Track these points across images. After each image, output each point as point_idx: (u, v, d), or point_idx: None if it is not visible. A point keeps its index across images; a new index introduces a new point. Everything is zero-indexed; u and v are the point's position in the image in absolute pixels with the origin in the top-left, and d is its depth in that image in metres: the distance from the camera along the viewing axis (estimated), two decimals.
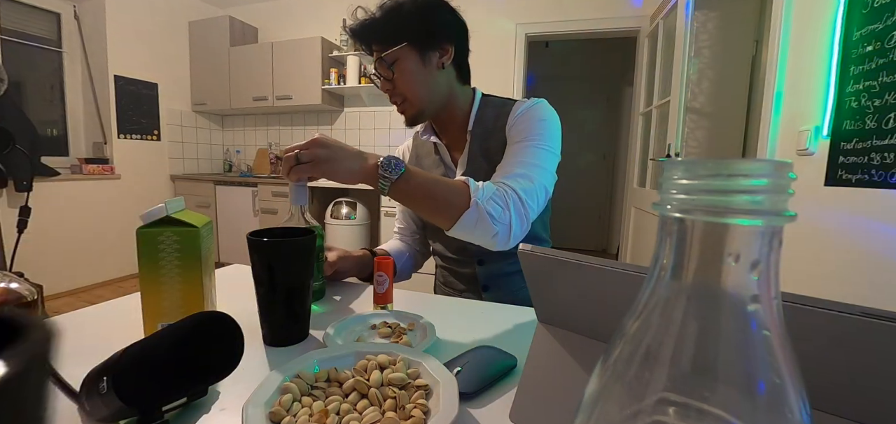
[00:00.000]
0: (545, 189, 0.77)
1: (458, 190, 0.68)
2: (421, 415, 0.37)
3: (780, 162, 0.13)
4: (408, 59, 0.80)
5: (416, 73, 0.81)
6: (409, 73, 0.81)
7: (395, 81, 0.81)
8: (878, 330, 0.20)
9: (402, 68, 0.80)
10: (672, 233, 0.14)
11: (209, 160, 4.03)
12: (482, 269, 0.90)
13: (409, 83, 0.81)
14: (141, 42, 3.35)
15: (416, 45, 0.80)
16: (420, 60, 0.81)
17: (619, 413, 0.15)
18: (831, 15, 1.52)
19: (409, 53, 0.80)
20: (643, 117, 2.96)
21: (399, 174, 0.64)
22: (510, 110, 0.85)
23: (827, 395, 0.23)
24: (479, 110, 0.88)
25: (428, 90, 0.83)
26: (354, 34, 0.82)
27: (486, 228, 0.68)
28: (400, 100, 0.83)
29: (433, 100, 0.84)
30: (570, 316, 0.37)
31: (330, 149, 0.64)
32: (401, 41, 0.78)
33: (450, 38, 0.83)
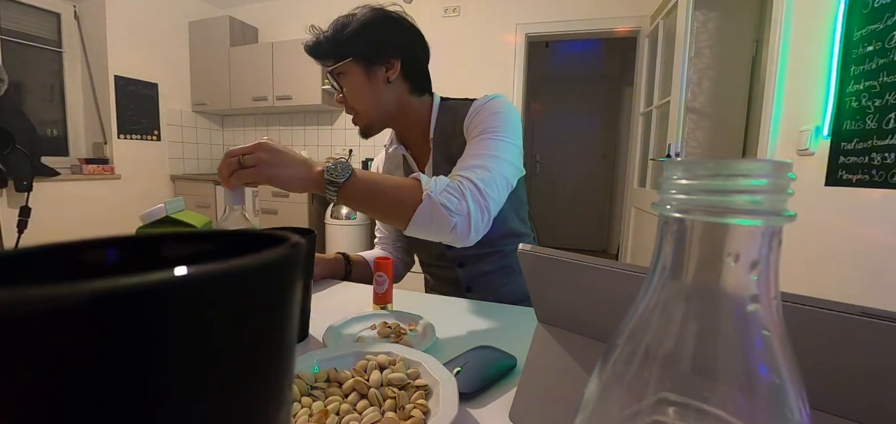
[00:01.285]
0: (505, 179, 0.74)
1: (408, 186, 0.67)
2: (421, 415, 0.37)
3: (779, 162, 0.13)
4: (353, 74, 0.82)
5: (362, 88, 0.83)
6: (356, 88, 0.83)
7: (345, 95, 0.85)
8: (878, 330, 0.20)
9: (348, 82, 0.83)
10: (672, 233, 0.14)
11: (209, 160, 4.03)
12: (463, 272, 0.91)
13: (356, 97, 0.84)
14: (141, 42, 3.35)
15: (361, 60, 0.82)
16: (365, 75, 0.83)
17: (619, 413, 0.15)
18: (831, 15, 1.52)
19: (354, 68, 0.82)
20: (643, 117, 2.96)
21: (346, 178, 0.64)
22: (467, 111, 0.85)
23: (827, 395, 0.23)
24: (438, 117, 0.89)
25: (375, 103, 0.84)
26: (307, 49, 0.85)
27: (443, 221, 0.65)
28: (352, 113, 0.86)
29: (381, 113, 0.86)
30: (570, 316, 0.37)
31: (275, 154, 0.62)
32: (346, 56, 0.81)
33: (395, 52, 0.83)
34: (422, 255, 1.00)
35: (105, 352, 0.07)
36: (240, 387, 0.08)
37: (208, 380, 0.07)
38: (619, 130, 4.45)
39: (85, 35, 3.15)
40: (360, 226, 3.06)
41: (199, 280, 0.07)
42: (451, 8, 3.21)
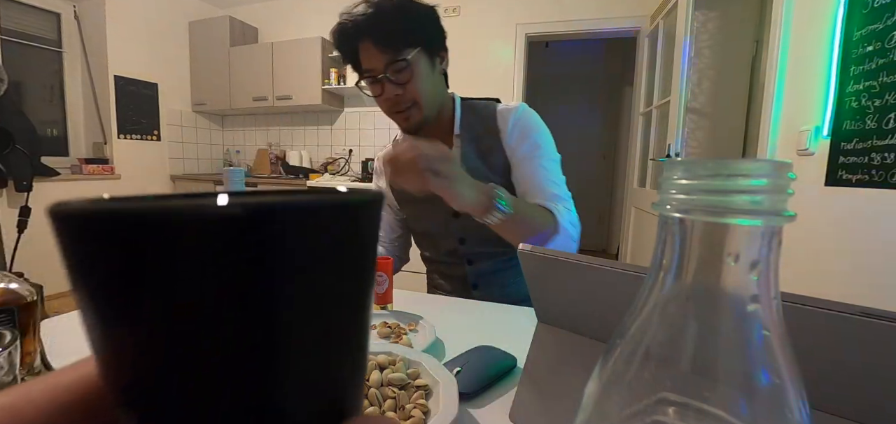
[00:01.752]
0: None
1: (547, 215, 0.76)
2: (421, 415, 0.37)
3: (779, 162, 0.13)
4: (421, 62, 0.79)
5: (427, 77, 0.80)
6: (423, 77, 0.79)
7: (407, 87, 0.79)
8: (878, 330, 0.20)
9: (417, 72, 0.78)
10: (672, 233, 0.14)
11: (209, 160, 4.03)
12: (472, 269, 0.91)
13: (421, 86, 0.79)
14: (141, 42, 3.35)
15: (428, 47, 0.79)
16: (430, 64, 0.80)
17: (619, 413, 0.15)
18: (831, 15, 1.52)
19: (421, 57, 0.79)
20: (643, 117, 2.96)
21: (507, 203, 0.66)
22: (495, 113, 0.86)
23: (827, 395, 0.23)
24: (462, 114, 0.88)
25: (435, 94, 0.82)
26: (376, 38, 0.76)
27: (568, 244, 0.76)
28: (408, 106, 0.81)
29: (438, 105, 0.84)
30: (570, 316, 0.37)
31: (459, 172, 0.64)
32: (418, 42, 0.77)
33: (445, 42, 0.84)
34: (430, 252, 0.98)
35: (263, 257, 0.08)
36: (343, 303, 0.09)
37: (324, 293, 0.09)
38: (619, 130, 4.45)
39: (85, 35, 3.15)
40: None
41: (346, 202, 0.09)
42: (451, 8, 3.21)
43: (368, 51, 0.79)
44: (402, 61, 0.77)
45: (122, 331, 0.08)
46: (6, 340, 0.35)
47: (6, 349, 0.35)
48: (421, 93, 0.80)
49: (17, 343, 0.36)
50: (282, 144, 3.87)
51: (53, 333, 0.56)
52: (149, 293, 0.08)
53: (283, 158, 3.66)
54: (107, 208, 0.08)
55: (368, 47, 0.78)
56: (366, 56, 0.80)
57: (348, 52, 0.83)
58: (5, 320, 0.41)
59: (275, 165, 3.69)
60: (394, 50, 0.77)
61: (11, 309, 0.41)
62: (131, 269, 0.08)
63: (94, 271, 0.08)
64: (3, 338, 0.36)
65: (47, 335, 0.49)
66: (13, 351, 0.35)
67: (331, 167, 3.51)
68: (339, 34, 0.81)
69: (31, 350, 0.43)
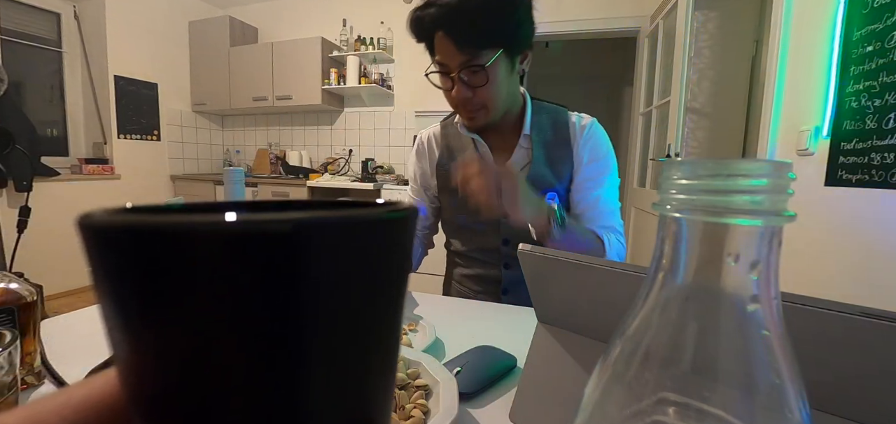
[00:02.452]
0: None
1: (597, 248, 0.76)
2: (421, 415, 0.37)
3: (779, 162, 0.13)
4: (500, 66, 0.71)
5: (503, 81, 0.73)
6: (498, 82, 0.72)
7: (479, 90, 0.72)
8: (878, 330, 0.20)
9: (493, 77, 0.71)
10: (672, 233, 0.14)
11: (209, 160, 4.03)
12: (508, 273, 0.88)
13: (495, 92, 0.73)
14: (141, 42, 3.35)
15: (511, 48, 0.72)
16: (509, 66, 0.74)
17: (619, 413, 0.15)
18: (831, 15, 1.52)
19: (502, 59, 0.71)
20: (643, 117, 2.96)
21: (562, 222, 0.66)
22: (567, 121, 0.84)
23: (827, 395, 0.23)
24: (532, 114, 0.83)
25: (509, 98, 0.77)
26: (458, 39, 0.69)
27: None
28: (476, 109, 0.75)
29: (510, 103, 0.79)
30: (570, 316, 0.37)
31: (520, 187, 0.64)
32: (500, 44, 0.70)
33: (530, 39, 0.76)
34: (466, 247, 0.91)
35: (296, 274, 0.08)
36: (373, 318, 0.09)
37: (356, 313, 0.09)
38: (619, 130, 4.45)
39: (85, 35, 3.15)
40: None
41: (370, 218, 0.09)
42: None
43: (443, 43, 0.71)
44: (477, 65, 0.70)
45: (147, 345, 0.08)
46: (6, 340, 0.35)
47: (6, 349, 0.35)
48: (493, 99, 0.74)
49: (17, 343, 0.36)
50: (282, 144, 3.87)
51: (53, 333, 0.55)
52: (172, 307, 0.08)
53: (283, 158, 3.66)
54: (131, 222, 0.07)
55: (443, 39, 0.71)
56: (440, 47, 0.72)
57: (423, 36, 0.75)
58: (5, 320, 0.41)
59: (275, 165, 3.69)
60: (471, 50, 0.69)
61: (11, 309, 0.41)
62: (156, 283, 0.07)
63: (119, 284, 0.08)
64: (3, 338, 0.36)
65: (47, 335, 0.49)
66: (13, 351, 0.35)
67: (331, 167, 3.51)
68: (414, 20, 0.74)
69: (31, 350, 0.43)
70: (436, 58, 0.74)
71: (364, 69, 3.31)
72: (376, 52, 3.28)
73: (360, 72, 3.26)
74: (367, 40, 3.29)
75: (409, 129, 3.41)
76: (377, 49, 3.28)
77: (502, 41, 0.70)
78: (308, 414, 0.08)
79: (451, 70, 0.72)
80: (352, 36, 3.36)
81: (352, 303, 0.09)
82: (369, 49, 3.27)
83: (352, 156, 3.59)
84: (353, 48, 3.30)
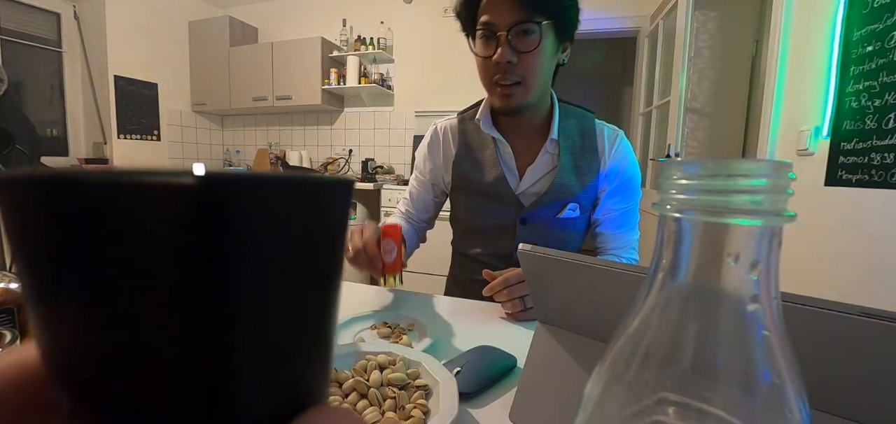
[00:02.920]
0: None
1: None
2: (421, 415, 0.37)
3: (779, 162, 0.13)
4: (549, 38, 0.70)
5: (546, 58, 0.71)
6: (544, 56, 0.70)
7: (524, 58, 0.70)
8: (878, 330, 0.20)
9: (541, 45, 0.69)
10: (672, 233, 0.14)
11: (209, 160, 4.03)
12: None
13: (538, 65, 0.70)
14: (141, 42, 3.35)
15: (560, 26, 0.71)
16: (554, 46, 0.72)
17: (619, 413, 0.15)
18: (831, 15, 1.52)
19: (551, 32, 0.70)
20: (643, 117, 2.96)
21: None
22: (594, 128, 0.82)
23: (827, 395, 0.23)
24: (560, 118, 0.80)
25: (545, 80, 0.74)
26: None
27: None
28: (515, 81, 0.72)
29: (542, 93, 0.76)
30: (570, 316, 0.37)
31: None
32: (553, 13, 0.69)
33: (572, 33, 0.75)
34: (478, 249, 0.88)
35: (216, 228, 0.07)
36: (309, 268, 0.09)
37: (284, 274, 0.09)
38: None
39: (85, 35, 3.15)
40: None
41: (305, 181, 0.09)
42: (450, 8, 3.20)
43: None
44: (532, 25, 0.68)
45: (65, 308, 0.08)
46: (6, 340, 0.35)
47: (6, 349, 0.35)
48: (534, 74, 0.71)
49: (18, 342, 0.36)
50: (282, 144, 3.87)
51: None
52: (92, 264, 0.07)
53: (283, 158, 3.66)
54: (51, 175, 0.07)
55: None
56: (491, 4, 0.70)
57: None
58: (5, 320, 0.41)
59: (275, 165, 3.69)
60: (528, 9, 0.67)
61: (11, 309, 0.41)
62: (74, 240, 0.07)
63: (35, 242, 0.08)
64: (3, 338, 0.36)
65: None
66: None
67: (331, 167, 3.52)
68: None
69: None
70: (481, 18, 0.71)
71: (364, 69, 3.31)
72: (376, 52, 3.28)
73: (360, 72, 3.26)
74: (367, 40, 3.29)
75: (409, 129, 3.41)
76: (377, 49, 3.28)
77: (555, 13, 0.69)
78: (233, 375, 0.08)
79: (500, 28, 0.69)
80: (352, 36, 3.36)
81: (277, 266, 0.08)
82: (369, 49, 3.27)
83: (352, 156, 3.59)
84: (353, 48, 3.30)
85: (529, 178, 0.82)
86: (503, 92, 0.74)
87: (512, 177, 0.83)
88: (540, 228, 0.83)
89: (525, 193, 0.83)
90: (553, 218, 0.82)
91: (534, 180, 0.83)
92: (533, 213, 0.82)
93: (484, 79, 0.77)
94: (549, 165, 0.82)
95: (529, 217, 0.83)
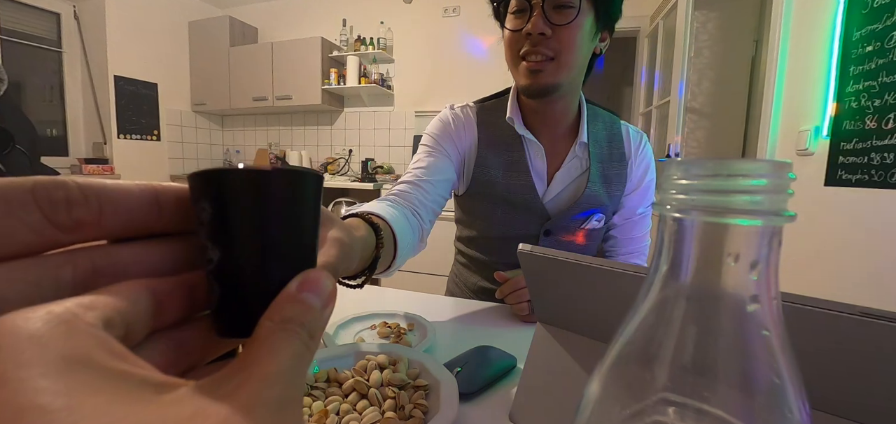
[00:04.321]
0: None
1: None
2: (421, 415, 0.37)
3: (779, 162, 0.13)
4: (587, 20, 0.66)
5: (580, 39, 0.67)
6: (578, 32, 0.66)
7: (559, 31, 0.65)
8: (878, 330, 0.20)
9: (579, 22, 0.65)
10: (672, 233, 0.14)
11: (209, 160, 4.03)
12: None
13: (574, 41, 0.66)
14: (141, 42, 3.35)
15: (597, 11, 0.67)
16: (592, 30, 0.68)
17: (619, 413, 0.15)
18: (831, 15, 1.52)
19: (586, 14, 0.66)
20: (643, 117, 2.96)
21: None
22: (621, 132, 0.80)
23: (827, 395, 0.23)
24: (589, 122, 0.77)
25: (577, 65, 0.69)
26: None
27: None
28: (548, 57, 0.67)
29: (573, 81, 0.71)
30: (570, 316, 0.37)
31: None
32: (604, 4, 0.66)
33: (613, 25, 0.72)
34: (500, 257, 0.83)
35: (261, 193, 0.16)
36: (295, 224, 0.17)
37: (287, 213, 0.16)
38: None
39: (85, 35, 3.15)
40: None
41: (300, 172, 0.17)
42: (450, 8, 3.21)
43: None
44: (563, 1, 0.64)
45: (212, 215, 0.15)
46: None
47: None
48: (569, 51, 0.66)
49: None
50: (282, 144, 3.87)
51: None
52: (218, 203, 0.15)
53: (283, 158, 3.67)
54: (202, 172, 0.15)
55: None
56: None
57: None
58: None
59: (275, 165, 3.69)
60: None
61: None
62: (212, 194, 0.15)
63: (201, 198, 0.16)
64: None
65: None
66: None
67: (331, 167, 3.51)
68: None
69: None
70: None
71: (364, 69, 3.31)
72: (376, 52, 3.28)
73: (359, 72, 3.26)
74: (367, 40, 3.29)
75: (409, 129, 3.41)
76: (377, 49, 3.28)
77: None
78: (272, 248, 0.16)
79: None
80: (352, 36, 3.36)
81: (284, 210, 0.16)
82: (369, 49, 3.27)
83: (352, 156, 3.59)
84: (353, 48, 3.30)
85: (557, 185, 0.78)
86: (532, 66, 0.67)
87: (540, 184, 0.77)
88: (562, 239, 0.80)
89: (552, 201, 0.78)
90: (577, 228, 0.79)
91: (561, 187, 0.78)
92: (557, 224, 0.78)
93: (510, 55, 0.71)
94: (577, 170, 0.78)
95: (554, 228, 0.78)
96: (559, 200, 0.78)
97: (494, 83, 3.12)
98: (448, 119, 0.80)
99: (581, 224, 0.78)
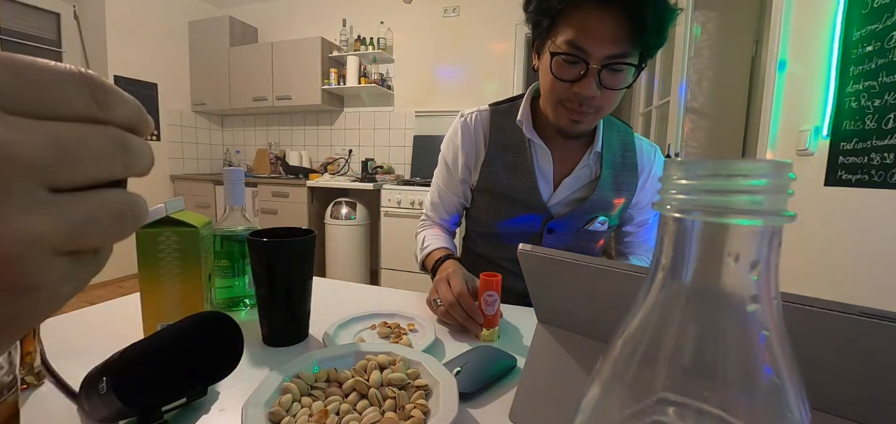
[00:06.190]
0: None
1: None
2: (421, 415, 0.37)
3: (779, 162, 0.13)
4: (631, 72, 0.64)
5: (621, 90, 0.67)
6: (619, 88, 0.65)
7: (607, 92, 0.64)
8: (878, 330, 0.20)
9: (618, 82, 0.64)
10: (672, 233, 0.14)
11: (209, 160, 4.03)
12: None
13: (617, 97, 0.66)
14: (141, 42, 3.35)
15: (642, 59, 0.65)
16: (634, 75, 0.66)
17: (619, 413, 0.15)
18: (831, 15, 1.52)
19: (635, 65, 0.64)
20: (643, 117, 2.96)
21: None
22: (634, 144, 0.82)
23: (827, 395, 0.23)
24: (604, 130, 0.78)
25: (616, 105, 0.69)
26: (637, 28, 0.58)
27: None
28: (593, 112, 0.67)
29: None
30: (569, 316, 0.37)
31: None
32: (649, 50, 0.63)
33: None
34: (496, 253, 0.86)
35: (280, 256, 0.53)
36: (299, 273, 0.54)
37: (293, 271, 0.53)
38: None
39: (85, 35, 3.15)
40: (359, 226, 3.06)
41: (300, 241, 0.53)
42: (450, 8, 3.21)
43: (600, 21, 0.58)
44: (627, 61, 0.61)
45: (261, 265, 0.50)
46: None
47: None
48: (613, 105, 0.66)
49: (18, 342, 0.36)
50: (282, 144, 3.87)
51: (53, 333, 0.56)
52: (264, 259, 0.51)
53: (282, 158, 3.66)
54: (252, 239, 0.52)
55: (603, 18, 0.58)
56: (591, 26, 0.59)
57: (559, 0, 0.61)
58: None
59: (275, 165, 3.69)
60: (627, 41, 0.59)
61: None
62: (261, 253, 0.51)
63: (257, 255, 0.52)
64: None
65: (47, 335, 0.49)
66: (13, 351, 0.35)
67: (331, 167, 3.51)
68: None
69: (30, 350, 0.43)
70: (570, 38, 0.61)
71: (364, 69, 3.31)
72: (376, 52, 3.28)
73: (359, 72, 3.26)
74: (367, 40, 3.29)
75: (409, 129, 3.41)
76: (377, 49, 3.28)
77: (651, 50, 0.63)
78: (294, 297, 0.53)
79: (592, 61, 0.60)
80: (352, 36, 3.36)
81: (293, 267, 0.52)
82: (369, 49, 3.27)
83: (351, 156, 3.59)
84: (353, 48, 3.30)
85: (565, 190, 0.79)
86: (573, 116, 0.67)
87: (545, 187, 0.80)
88: (566, 236, 0.82)
89: (558, 203, 0.81)
90: (581, 228, 0.81)
91: (570, 191, 0.80)
92: (561, 222, 0.80)
93: (550, 97, 0.69)
94: (587, 177, 0.79)
95: (557, 225, 0.81)
96: (565, 202, 0.81)
97: (494, 83, 3.13)
98: (459, 133, 0.86)
99: (585, 224, 0.81)
